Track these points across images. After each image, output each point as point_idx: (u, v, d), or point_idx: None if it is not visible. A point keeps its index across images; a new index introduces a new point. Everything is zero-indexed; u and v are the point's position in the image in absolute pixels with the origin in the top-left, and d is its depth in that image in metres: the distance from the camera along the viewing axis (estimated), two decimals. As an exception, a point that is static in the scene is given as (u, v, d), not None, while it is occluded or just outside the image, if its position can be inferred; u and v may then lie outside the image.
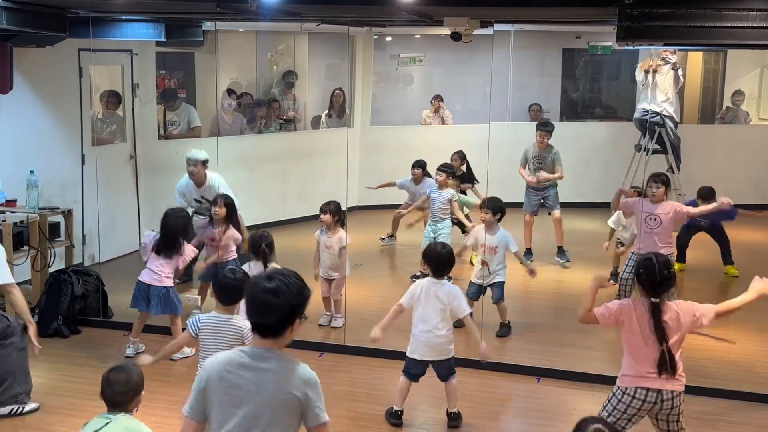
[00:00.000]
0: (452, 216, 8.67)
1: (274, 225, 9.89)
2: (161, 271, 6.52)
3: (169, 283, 6.57)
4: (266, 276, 3.00)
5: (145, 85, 9.70)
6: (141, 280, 6.59)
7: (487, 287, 7.11)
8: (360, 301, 7.63)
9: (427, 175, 9.52)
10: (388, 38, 12.77)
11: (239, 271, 4.73)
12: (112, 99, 9.44)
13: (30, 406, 5.60)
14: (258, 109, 11.64)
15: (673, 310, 4.36)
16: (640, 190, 7.40)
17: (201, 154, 8.02)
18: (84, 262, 8.50)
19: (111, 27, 7.88)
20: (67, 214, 7.65)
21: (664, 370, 4.27)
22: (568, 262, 9.22)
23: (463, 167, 9.72)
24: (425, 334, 5.38)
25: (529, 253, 9.39)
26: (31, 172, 7.36)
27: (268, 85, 12.07)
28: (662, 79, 10.39)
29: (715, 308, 4.41)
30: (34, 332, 5.30)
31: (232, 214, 7.17)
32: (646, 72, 10.43)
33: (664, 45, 8.51)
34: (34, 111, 8.28)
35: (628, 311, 4.38)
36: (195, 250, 6.87)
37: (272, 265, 6.09)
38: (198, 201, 7.98)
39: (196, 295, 7.24)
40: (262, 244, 6.10)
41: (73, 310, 7.18)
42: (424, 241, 8.79)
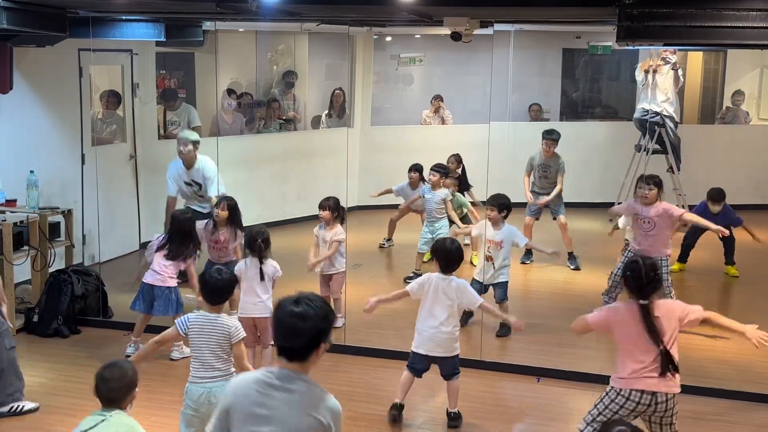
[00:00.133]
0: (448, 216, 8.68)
1: (274, 225, 9.89)
2: (165, 271, 6.51)
3: (173, 283, 6.56)
4: (293, 300, 3.02)
5: (145, 85, 9.70)
6: (145, 281, 6.58)
7: (489, 286, 7.10)
8: (360, 301, 7.58)
9: (424, 180, 9.34)
10: (388, 38, 12.77)
11: (226, 271, 4.72)
12: (112, 99, 9.44)
13: (30, 405, 5.61)
14: (258, 109, 11.64)
15: (663, 309, 4.38)
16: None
17: (193, 135, 8.04)
18: (84, 262, 8.50)
19: (111, 27, 7.88)
20: (67, 214, 7.65)
21: (667, 370, 4.27)
22: (578, 269, 9.15)
23: (459, 170, 9.68)
24: (431, 330, 5.38)
25: (529, 253, 9.40)
26: (31, 172, 7.36)
27: (268, 85, 12.07)
28: (662, 79, 10.39)
29: (706, 312, 4.43)
30: (6, 311, 5.38)
31: (235, 216, 7.16)
32: (646, 72, 10.43)
33: (664, 45, 8.51)
34: (34, 111, 8.28)
35: (619, 314, 4.42)
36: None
37: (268, 261, 6.09)
38: (188, 184, 7.99)
39: (196, 296, 7.23)
40: (258, 240, 6.08)
41: (73, 310, 7.19)
42: (420, 242, 8.80)
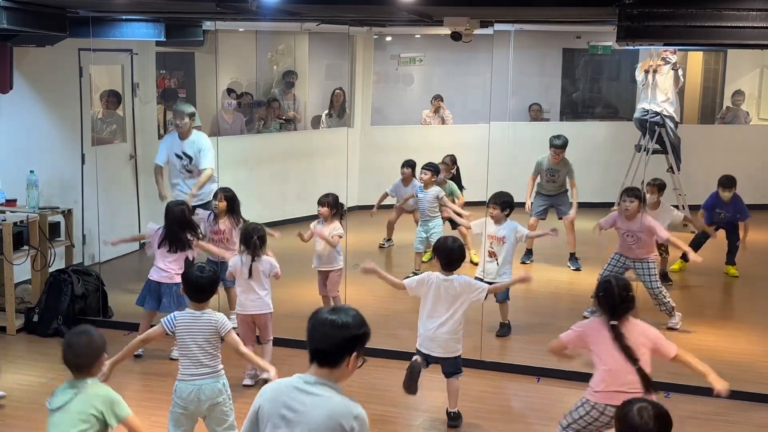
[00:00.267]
0: (443, 214, 8.65)
1: (274, 225, 9.87)
2: (170, 268, 6.50)
3: (179, 280, 6.54)
4: (330, 309, 3.09)
5: (145, 84, 9.70)
6: (151, 278, 6.56)
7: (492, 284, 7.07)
8: (359, 301, 7.60)
9: (415, 176, 9.38)
10: (388, 38, 12.77)
11: (208, 269, 4.71)
12: (112, 99, 9.44)
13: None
14: (258, 109, 11.64)
15: (637, 330, 4.40)
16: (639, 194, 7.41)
17: (189, 108, 8.09)
18: (84, 262, 8.51)
19: (111, 27, 7.88)
20: (67, 214, 7.65)
21: (649, 389, 4.26)
22: (578, 270, 9.15)
23: (453, 171, 9.67)
24: (432, 331, 5.37)
25: (529, 253, 9.40)
26: (31, 171, 7.36)
27: (269, 85, 12.08)
28: (662, 79, 10.40)
29: (678, 350, 4.42)
30: None
31: (233, 206, 7.15)
32: (646, 72, 10.43)
33: (664, 45, 8.52)
34: (34, 111, 8.28)
35: (593, 330, 4.45)
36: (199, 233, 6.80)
37: (264, 258, 6.09)
38: (179, 157, 7.98)
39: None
40: (253, 236, 6.07)
41: (73, 310, 7.18)
42: (416, 241, 8.80)
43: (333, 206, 7.12)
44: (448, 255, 5.40)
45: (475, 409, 5.75)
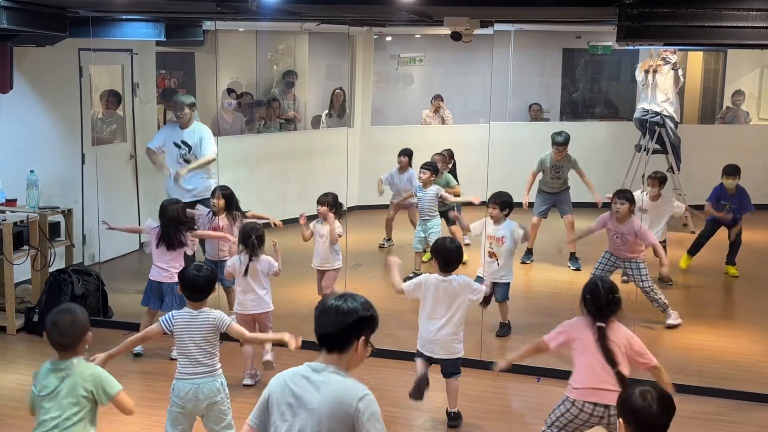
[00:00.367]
0: (441, 211, 8.70)
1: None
2: (170, 267, 6.50)
3: None
4: (337, 296, 3.10)
5: (145, 84, 9.70)
6: (152, 278, 6.57)
7: (492, 284, 7.08)
8: (360, 301, 7.61)
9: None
10: (388, 38, 12.77)
11: (206, 268, 4.71)
12: (112, 99, 9.44)
13: None
14: (258, 109, 11.64)
15: (620, 333, 4.44)
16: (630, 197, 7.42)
17: (188, 99, 8.17)
18: (84, 262, 8.50)
19: (111, 27, 7.88)
20: (67, 214, 7.65)
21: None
22: (578, 270, 9.14)
23: (450, 165, 9.69)
24: (433, 333, 5.37)
25: (529, 253, 9.39)
26: (31, 171, 7.36)
27: (269, 85, 12.08)
28: (662, 79, 10.40)
29: (654, 362, 4.47)
30: None
31: (231, 203, 7.16)
32: (646, 72, 10.44)
33: (664, 45, 8.52)
34: (34, 111, 8.28)
35: (577, 329, 4.50)
36: (194, 240, 6.79)
37: (263, 257, 6.08)
38: (177, 145, 8.01)
39: None
40: (252, 236, 6.07)
41: (73, 310, 7.17)
42: (415, 241, 8.81)
43: (332, 205, 7.14)
44: (446, 256, 5.40)
45: (475, 409, 5.75)
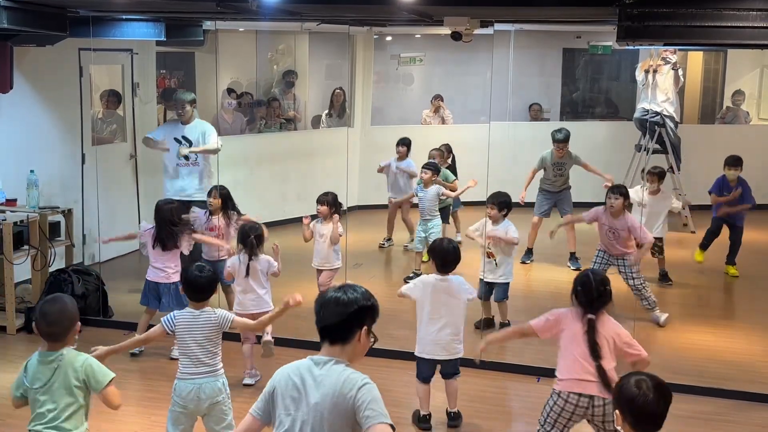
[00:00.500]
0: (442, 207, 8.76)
1: (274, 225, 9.88)
2: (167, 267, 6.51)
3: (176, 278, 6.55)
4: (336, 287, 3.11)
5: (146, 84, 9.70)
6: (149, 279, 6.57)
7: (493, 284, 7.08)
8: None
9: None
10: (389, 38, 12.77)
11: (208, 269, 4.71)
12: (113, 98, 9.44)
13: None
14: (258, 109, 11.64)
15: (610, 326, 4.46)
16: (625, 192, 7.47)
17: (189, 95, 8.22)
18: (84, 262, 8.51)
19: (111, 26, 7.88)
20: (67, 214, 7.65)
21: (606, 387, 4.30)
22: (579, 270, 9.14)
23: (449, 161, 9.70)
24: (434, 334, 5.36)
25: (530, 253, 9.39)
26: (31, 171, 7.36)
27: (269, 85, 12.07)
28: (662, 79, 10.41)
29: (645, 356, 4.49)
30: None
31: (228, 203, 7.16)
32: (647, 72, 10.44)
33: (664, 45, 8.52)
34: (34, 111, 8.28)
35: (567, 318, 4.53)
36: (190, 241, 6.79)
37: (262, 257, 6.08)
38: (178, 141, 8.02)
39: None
40: (250, 236, 6.06)
41: (73, 310, 7.18)
42: (415, 241, 8.81)
43: (332, 205, 7.15)
44: (444, 256, 5.43)
45: (475, 409, 5.75)
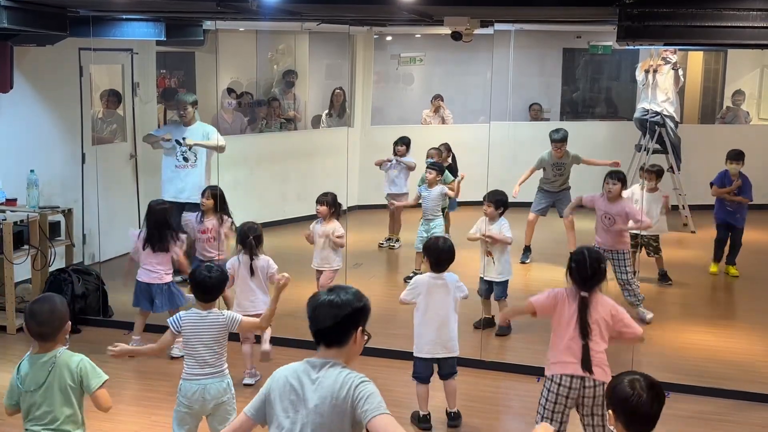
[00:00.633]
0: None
1: (274, 225, 9.90)
2: (159, 268, 6.51)
3: (169, 279, 6.56)
4: (328, 290, 3.11)
5: (146, 84, 9.70)
6: (140, 280, 6.57)
7: (493, 283, 7.08)
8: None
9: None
10: (389, 38, 12.78)
11: (216, 269, 4.70)
12: (113, 98, 9.44)
13: None
14: (258, 109, 11.64)
15: (605, 305, 4.46)
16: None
17: (190, 97, 8.37)
18: (84, 261, 8.50)
19: (111, 26, 7.88)
20: (68, 213, 7.65)
21: (585, 366, 4.34)
22: None
23: (449, 160, 9.70)
24: (433, 333, 5.36)
25: (527, 251, 9.38)
26: (32, 171, 7.36)
27: (269, 85, 12.08)
28: (662, 79, 10.41)
29: (641, 334, 4.53)
30: None
31: (221, 204, 7.16)
32: (647, 72, 10.44)
33: (665, 45, 8.52)
34: (34, 110, 8.28)
35: (563, 298, 4.51)
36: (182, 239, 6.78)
37: (262, 257, 6.08)
38: (178, 142, 8.09)
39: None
40: (249, 236, 6.06)
41: (73, 310, 7.15)
42: (417, 241, 8.81)
43: (332, 205, 7.14)
44: (438, 255, 5.44)
45: (475, 409, 5.75)
